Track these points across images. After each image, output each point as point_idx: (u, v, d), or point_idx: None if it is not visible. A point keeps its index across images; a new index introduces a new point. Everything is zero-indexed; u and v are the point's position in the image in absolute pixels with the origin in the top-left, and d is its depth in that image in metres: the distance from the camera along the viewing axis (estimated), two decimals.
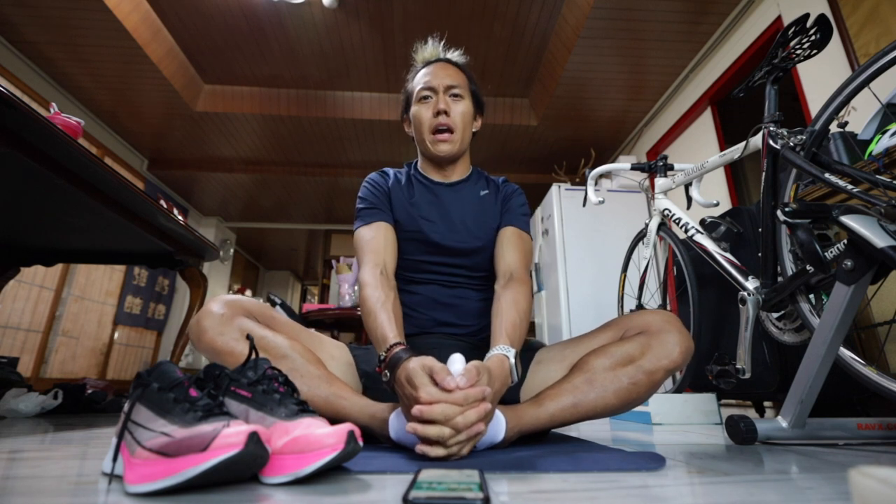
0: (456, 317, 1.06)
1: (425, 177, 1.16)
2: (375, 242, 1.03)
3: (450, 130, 1.09)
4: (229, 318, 0.87)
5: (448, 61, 1.16)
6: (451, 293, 1.07)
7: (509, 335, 0.86)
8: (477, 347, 1.04)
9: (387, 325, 0.85)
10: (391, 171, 1.18)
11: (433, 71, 1.12)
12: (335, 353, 1.01)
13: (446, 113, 1.08)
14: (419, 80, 1.13)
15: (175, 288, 5.31)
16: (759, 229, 1.20)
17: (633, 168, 1.80)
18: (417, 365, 0.72)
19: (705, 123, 3.22)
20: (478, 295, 1.09)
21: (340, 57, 3.48)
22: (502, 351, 0.82)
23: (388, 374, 0.77)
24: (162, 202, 1.71)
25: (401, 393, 0.74)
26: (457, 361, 0.75)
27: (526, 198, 1.18)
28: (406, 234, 1.08)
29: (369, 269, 0.98)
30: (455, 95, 1.10)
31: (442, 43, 1.22)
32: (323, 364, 0.89)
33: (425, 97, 1.10)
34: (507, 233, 1.09)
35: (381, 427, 0.79)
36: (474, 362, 0.74)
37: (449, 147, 1.09)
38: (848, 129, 1.48)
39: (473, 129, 1.16)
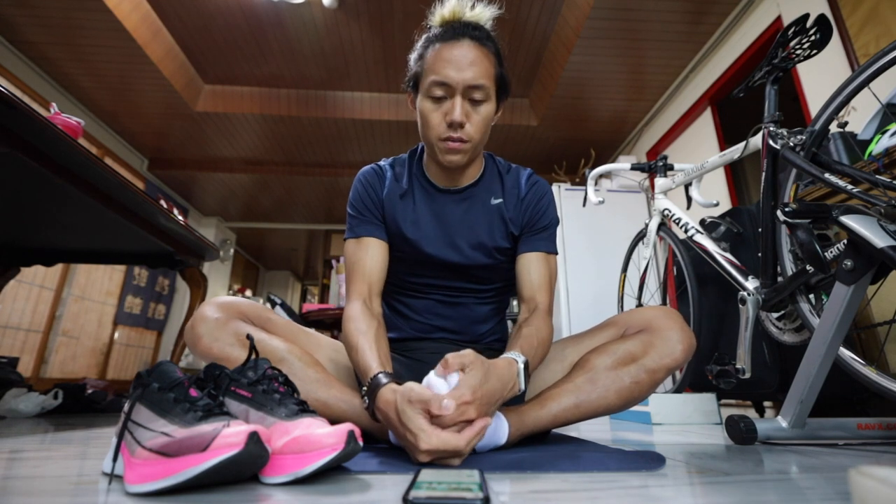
0: (458, 325, 1.02)
1: (429, 181, 1.01)
2: (362, 265, 0.96)
3: (462, 141, 0.90)
4: (224, 322, 0.86)
5: (474, 36, 0.90)
6: (455, 301, 1.02)
7: (525, 351, 0.81)
8: (480, 353, 1.03)
9: (369, 354, 0.80)
10: (388, 170, 1.03)
11: (453, 58, 0.87)
12: (333, 354, 0.99)
13: (461, 125, 0.88)
14: (434, 63, 0.89)
15: (175, 288, 5.31)
16: (759, 229, 1.20)
17: (633, 168, 1.80)
18: (403, 400, 0.66)
19: (705, 123, 3.22)
20: (485, 303, 1.05)
21: (340, 57, 3.48)
22: (512, 355, 0.78)
23: (367, 401, 0.74)
24: (162, 202, 1.71)
25: (386, 423, 0.71)
26: (435, 383, 0.70)
27: (553, 197, 1.04)
28: (403, 255, 1.00)
29: (353, 301, 0.92)
30: (476, 100, 0.89)
31: None
32: (321, 366, 0.87)
33: (438, 96, 0.89)
34: (531, 258, 0.98)
35: (380, 430, 0.79)
36: (468, 353, 0.71)
37: (460, 158, 0.92)
38: (848, 129, 1.48)
39: (493, 122, 0.98)
